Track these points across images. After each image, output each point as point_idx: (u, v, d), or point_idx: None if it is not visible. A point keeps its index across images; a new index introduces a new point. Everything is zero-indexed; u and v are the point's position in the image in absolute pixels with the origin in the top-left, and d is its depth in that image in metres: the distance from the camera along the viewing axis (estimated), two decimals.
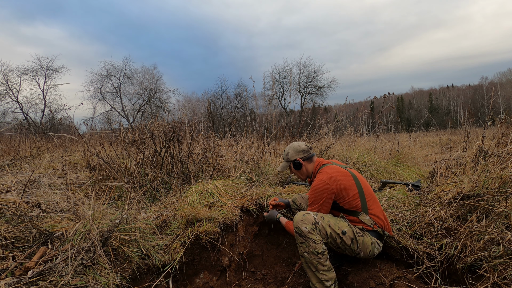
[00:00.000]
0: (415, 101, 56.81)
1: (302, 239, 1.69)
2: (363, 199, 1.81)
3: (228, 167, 3.54)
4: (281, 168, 2.10)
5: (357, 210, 1.80)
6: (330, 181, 1.79)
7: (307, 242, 1.67)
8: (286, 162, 2.08)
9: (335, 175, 1.82)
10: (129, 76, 24.46)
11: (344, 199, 1.80)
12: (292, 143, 2.10)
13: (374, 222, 1.80)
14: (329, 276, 1.69)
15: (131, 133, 3.75)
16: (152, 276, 1.79)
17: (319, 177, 1.85)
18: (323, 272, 1.69)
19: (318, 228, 1.69)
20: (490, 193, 1.90)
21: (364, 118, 6.10)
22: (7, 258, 1.45)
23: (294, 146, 2.06)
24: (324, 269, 1.69)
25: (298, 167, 2.02)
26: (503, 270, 1.46)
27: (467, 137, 3.44)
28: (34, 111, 19.56)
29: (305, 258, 1.70)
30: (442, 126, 17.94)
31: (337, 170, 1.87)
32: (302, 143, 2.08)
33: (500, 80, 44.93)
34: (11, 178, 2.57)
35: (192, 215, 2.12)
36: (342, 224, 1.75)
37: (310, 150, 2.06)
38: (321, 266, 1.68)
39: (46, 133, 7.86)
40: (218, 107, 28.18)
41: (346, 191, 1.80)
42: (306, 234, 1.67)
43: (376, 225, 1.80)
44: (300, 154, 2.02)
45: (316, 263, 1.68)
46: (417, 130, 7.16)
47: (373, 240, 1.77)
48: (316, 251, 1.66)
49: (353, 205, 1.80)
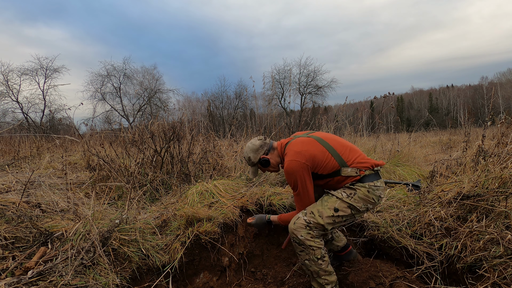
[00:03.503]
0: (415, 101, 56.81)
1: (301, 248, 1.66)
2: (337, 156, 1.71)
3: (228, 167, 3.54)
4: (252, 174, 1.96)
5: (337, 169, 1.70)
6: (299, 158, 1.66)
7: (307, 250, 1.64)
8: (253, 166, 1.93)
9: (300, 149, 1.70)
10: (129, 76, 24.50)
11: (320, 166, 1.70)
12: (245, 147, 1.93)
13: (359, 169, 1.69)
14: (330, 280, 1.69)
15: (131, 133, 3.74)
16: (152, 276, 1.79)
17: (287, 159, 1.71)
18: (325, 277, 1.68)
19: (312, 227, 1.64)
20: (490, 193, 1.90)
21: (364, 118, 6.10)
22: (7, 258, 1.45)
23: (250, 148, 1.88)
24: (325, 274, 1.67)
25: (266, 164, 1.87)
26: (503, 270, 1.46)
27: (467, 137, 3.44)
28: (34, 111, 19.58)
29: (306, 266, 1.69)
30: (442, 126, 17.93)
31: (300, 142, 1.75)
32: (254, 139, 1.90)
33: (500, 80, 44.94)
34: (11, 178, 2.57)
35: (192, 215, 2.11)
36: (330, 203, 1.68)
37: (266, 141, 1.89)
38: (323, 272, 1.67)
39: (46, 133, 7.85)
40: (218, 107, 28.20)
41: (318, 158, 1.68)
42: (304, 242, 1.64)
43: (362, 171, 1.69)
44: (260, 151, 1.86)
45: (317, 270, 1.66)
46: (417, 130, 7.15)
47: (368, 187, 1.67)
48: (316, 257, 1.64)
49: (331, 166, 1.70)
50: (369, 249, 2.24)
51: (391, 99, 5.47)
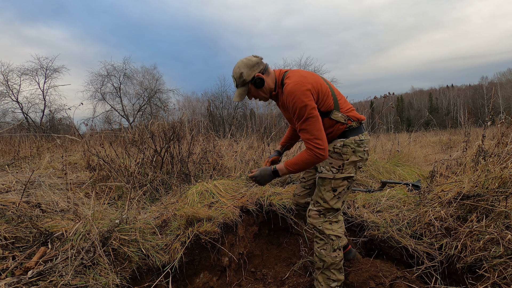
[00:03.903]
0: (415, 101, 56.82)
1: (321, 236, 1.65)
2: (334, 97, 1.60)
3: (228, 167, 3.54)
4: (239, 96, 1.63)
5: (329, 110, 1.58)
6: (305, 81, 1.49)
7: (326, 239, 1.64)
8: (243, 86, 1.61)
9: (305, 75, 1.54)
10: (129, 76, 24.49)
11: (321, 100, 1.55)
12: (238, 62, 1.62)
13: (348, 117, 1.60)
14: (338, 276, 1.67)
15: (131, 133, 3.75)
16: (152, 276, 1.79)
17: (291, 81, 1.50)
18: (334, 271, 1.66)
19: (325, 213, 1.63)
20: (490, 193, 1.90)
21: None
22: (7, 258, 1.45)
23: (244, 63, 1.58)
24: (335, 269, 1.66)
25: (261, 84, 1.58)
26: (503, 270, 1.46)
27: (467, 137, 3.44)
28: (34, 111, 19.58)
29: (320, 255, 1.66)
30: (442, 126, 17.94)
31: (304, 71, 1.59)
32: (250, 56, 1.64)
33: (500, 80, 44.98)
34: (11, 178, 2.57)
35: (192, 215, 2.11)
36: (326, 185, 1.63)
37: (263, 60, 1.64)
38: (334, 265, 1.65)
39: (46, 133, 7.85)
40: (218, 107, 28.19)
41: (322, 89, 1.54)
42: (323, 231, 1.63)
43: (350, 120, 1.60)
44: (255, 68, 1.58)
45: (330, 262, 1.64)
46: (417, 130, 7.15)
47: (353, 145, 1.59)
48: (333, 248, 1.63)
49: (328, 104, 1.56)
50: (369, 249, 2.24)
51: (391, 99, 5.47)
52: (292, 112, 1.51)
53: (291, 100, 1.48)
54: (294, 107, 1.48)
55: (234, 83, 1.64)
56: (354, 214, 2.41)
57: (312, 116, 1.46)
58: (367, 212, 2.36)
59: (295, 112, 1.49)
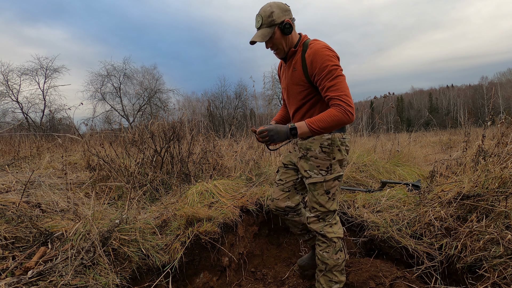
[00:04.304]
0: (415, 101, 56.84)
1: (323, 239, 1.62)
2: None
3: (228, 167, 3.54)
4: (261, 36, 1.46)
5: None
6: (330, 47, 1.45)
7: (329, 242, 1.61)
8: (269, 27, 1.46)
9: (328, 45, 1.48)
10: (129, 76, 24.52)
11: None
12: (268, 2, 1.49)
13: None
14: (339, 278, 1.65)
15: (131, 133, 3.75)
16: (152, 276, 1.79)
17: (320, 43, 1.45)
18: (336, 273, 1.63)
19: (324, 217, 1.60)
20: (490, 193, 1.90)
21: (364, 118, 6.10)
22: (7, 258, 1.45)
23: (277, 4, 1.47)
24: (337, 271, 1.64)
25: (289, 30, 1.46)
26: (503, 270, 1.46)
27: (467, 137, 3.44)
28: (34, 111, 19.60)
29: (323, 258, 1.63)
30: (442, 126, 17.94)
31: None
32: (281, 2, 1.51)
33: (500, 80, 45.00)
34: (11, 178, 2.57)
35: (192, 215, 2.11)
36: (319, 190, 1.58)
37: None
38: (337, 267, 1.63)
39: (46, 133, 7.85)
40: (218, 107, 28.19)
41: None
42: (325, 235, 1.60)
43: None
44: (287, 14, 1.48)
45: (333, 264, 1.61)
46: (417, 130, 7.15)
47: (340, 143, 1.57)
48: (335, 250, 1.61)
49: None
50: (369, 249, 2.24)
51: (391, 99, 5.47)
52: (319, 69, 1.40)
53: (321, 57, 1.39)
54: (324, 65, 1.39)
55: (259, 22, 1.47)
56: (354, 214, 2.41)
57: (342, 75, 1.40)
58: (367, 212, 2.36)
59: (323, 70, 1.39)
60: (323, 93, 1.44)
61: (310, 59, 1.43)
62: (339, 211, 2.56)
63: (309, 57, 1.44)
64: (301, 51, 1.51)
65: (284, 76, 1.65)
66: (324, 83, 1.41)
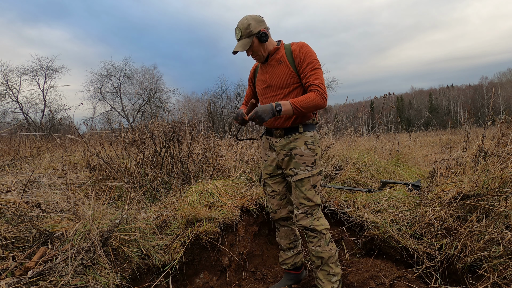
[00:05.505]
0: (415, 101, 56.84)
1: (313, 234, 1.68)
2: None
3: (228, 167, 3.54)
4: (242, 46, 1.63)
5: None
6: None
7: (319, 235, 1.67)
8: (248, 37, 1.63)
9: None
10: (129, 76, 24.46)
11: None
12: (245, 16, 1.66)
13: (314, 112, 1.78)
14: (336, 270, 1.70)
15: (131, 133, 3.74)
16: (152, 276, 1.79)
17: (301, 42, 1.67)
18: (332, 265, 1.69)
19: (311, 212, 1.68)
20: (490, 193, 1.90)
21: (364, 118, 6.10)
22: (7, 258, 1.45)
23: (253, 16, 1.65)
24: (332, 263, 1.69)
25: (265, 38, 1.64)
26: (503, 270, 1.46)
27: (467, 137, 3.44)
28: (34, 111, 19.56)
29: (316, 253, 1.68)
30: (442, 126, 17.93)
31: None
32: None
33: (500, 80, 45.00)
34: (11, 178, 2.57)
35: (192, 215, 2.11)
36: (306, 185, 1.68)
37: None
38: (332, 258, 1.69)
39: (46, 133, 7.86)
40: (218, 107, 28.18)
41: None
42: (315, 228, 1.66)
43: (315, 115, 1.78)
44: (262, 24, 1.65)
45: (327, 256, 1.67)
46: (417, 130, 7.16)
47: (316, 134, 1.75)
48: (326, 241, 1.67)
49: None
50: (369, 249, 2.24)
51: (391, 99, 5.48)
52: (304, 58, 1.61)
53: (305, 50, 1.62)
54: (309, 55, 1.61)
55: (238, 34, 1.66)
56: (354, 214, 2.41)
57: (320, 68, 1.63)
58: (367, 212, 2.36)
59: (309, 59, 1.61)
60: (305, 79, 1.63)
61: (298, 50, 1.64)
62: (339, 211, 2.56)
63: (296, 48, 1.65)
64: (284, 49, 1.72)
65: (264, 75, 1.79)
66: (307, 71, 1.61)
